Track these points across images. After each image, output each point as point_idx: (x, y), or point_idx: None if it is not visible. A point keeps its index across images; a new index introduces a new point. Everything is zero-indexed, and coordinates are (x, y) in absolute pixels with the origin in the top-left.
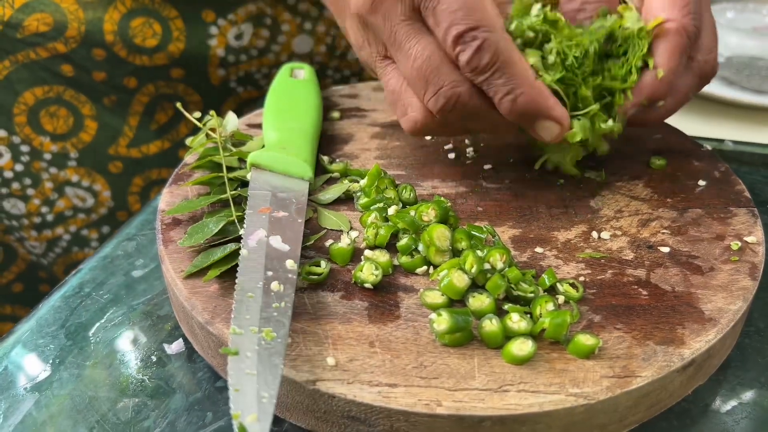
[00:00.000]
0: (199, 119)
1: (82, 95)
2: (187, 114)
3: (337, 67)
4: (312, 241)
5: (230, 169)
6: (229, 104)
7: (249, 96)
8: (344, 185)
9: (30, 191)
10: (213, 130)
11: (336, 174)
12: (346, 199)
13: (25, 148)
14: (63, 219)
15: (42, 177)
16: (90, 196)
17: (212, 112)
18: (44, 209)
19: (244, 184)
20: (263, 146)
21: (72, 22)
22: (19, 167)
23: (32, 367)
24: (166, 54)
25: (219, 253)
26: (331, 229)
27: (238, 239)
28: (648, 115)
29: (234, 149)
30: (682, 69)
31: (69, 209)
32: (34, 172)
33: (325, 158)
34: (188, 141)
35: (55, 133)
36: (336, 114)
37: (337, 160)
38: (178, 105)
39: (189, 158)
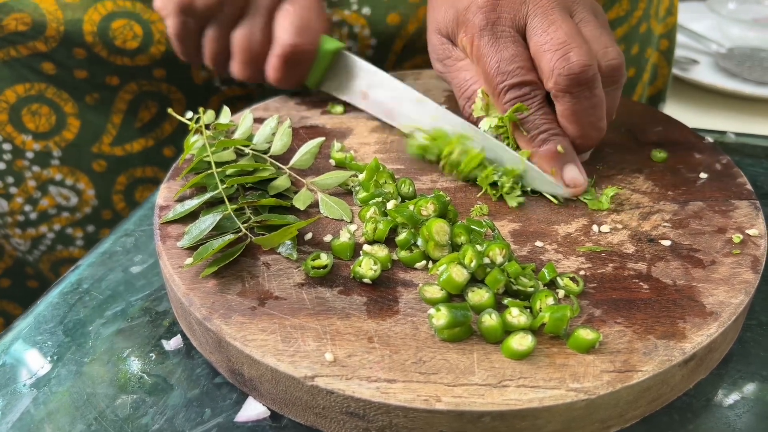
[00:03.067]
0: (189, 118)
1: (65, 93)
2: (179, 117)
3: None
4: (306, 225)
5: (225, 163)
6: (213, 102)
7: (233, 94)
8: (345, 174)
9: (13, 189)
10: (207, 126)
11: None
12: (345, 193)
13: (7, 146)
14: (47, 217)
15: (25, 175)
16: (74, 194)
17: (201, 109)
18: (27, 207)
19: (243, 174)
20: (251, 135)
21: (51, 23)
22: (1, 165)
23: (30, 363)
24: (148, 56)
25: (218, 243)
26: (325, 216)
27: (236, 232)
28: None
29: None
30: (590, 107)
31: (53, 208)
32: (16, 170)
33: (336, 144)
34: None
35: (38, 131)
36: (339, 108)
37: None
38: (170, 110)
39: (187, 156)
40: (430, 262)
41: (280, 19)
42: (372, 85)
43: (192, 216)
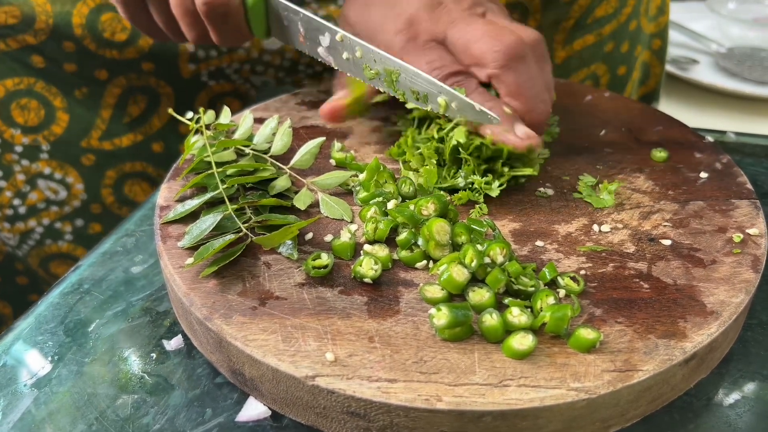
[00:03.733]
0: (190, 119)
1: (54, 87)
2: (180, 117)
3: (308, 63)
4: (306, 225)
5: (225, 163)
6: (201, 97)
7: (222, 89)
8: (345, 174)
9: (1, 183)
10: (207, 126)
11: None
12: (345, 193)
13: None
14: (36, 211)
15: (14, 169)
16: (62, 188)
17: (201, 109)
18: (16, 201)
19: (243, 174)
20: (251, 135)
21: (40, 15)
22: None
23: (31, 364)
24: (136, 48)
25: (219, 243)
26: (325, 216)
27: (236, 232)
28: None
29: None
30: (529, 79)
31: (41, 202)
32: (5, 164)
33: (337, 144)
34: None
35: (27, 125)
36: None
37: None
38: (170, 110)
39: (187, 157)
40: (431, 261)
41: None
42: (306, 28)
43: (192, 216)
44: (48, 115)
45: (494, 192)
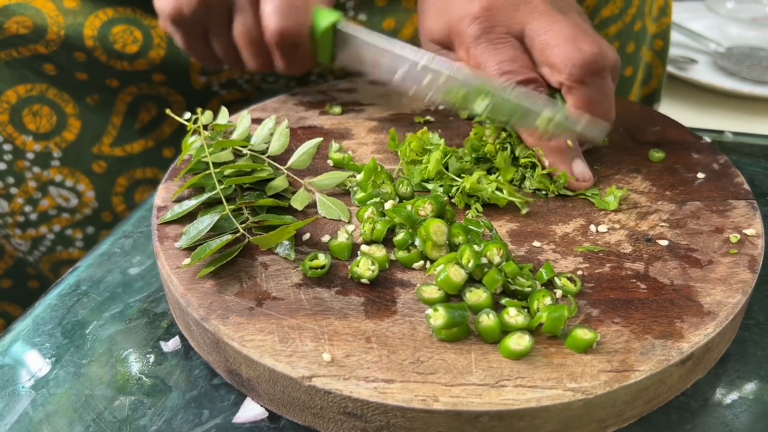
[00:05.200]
0: (188, 119)
1: (66, 94)
2: (177, 117)
3: (320, 74)
4: (303, 226)
5: (222, 164)
6: (212, 105)
7: (233, 98)
8: (343, 175)
9: (13, 190)
10: (205, 126)
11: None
12: (342, 194)
13: (7, 147)
14: (47, 218)
15: (25, 176)
16: (74, 196)
17: (199, 110)
18: (27, 208)
19: (240, 173)
20: (249, 135)
21: (52, 26)
22: (1, 166)
23: (29, 365)
24: (147, 60)
25: (216, 243)
26: (323, 217)
27: (234, 232)
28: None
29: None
30: (603, 97)
31: (53, 209)
32: (17, 171)
33: (334, 144)
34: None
35: (38, 132)
36: (337, 109)
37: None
38: (168, 111)
39: (185, 157)
40: (428, 262)
41: (264, 5)
42: (378, 53)
43: (190, 216)
44: (60, 122)
45: (502, 203)
